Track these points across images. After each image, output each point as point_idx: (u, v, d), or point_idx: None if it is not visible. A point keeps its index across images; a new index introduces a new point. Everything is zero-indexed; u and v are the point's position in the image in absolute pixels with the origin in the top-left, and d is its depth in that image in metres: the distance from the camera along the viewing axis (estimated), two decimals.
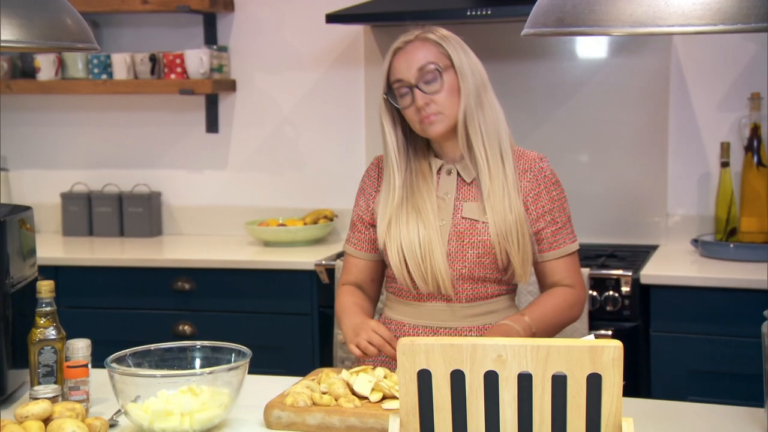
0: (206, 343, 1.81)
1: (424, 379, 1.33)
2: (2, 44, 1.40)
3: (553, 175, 2.08)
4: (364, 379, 1.72)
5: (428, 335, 2.04)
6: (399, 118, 2.05)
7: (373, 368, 1.79)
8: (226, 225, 3.80)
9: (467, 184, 2.04)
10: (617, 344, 1.27)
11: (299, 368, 2.78)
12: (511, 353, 1.29)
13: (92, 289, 3.38)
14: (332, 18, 3.28)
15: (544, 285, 2.10)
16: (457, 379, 1.32)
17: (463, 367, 1.31)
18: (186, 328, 3.32)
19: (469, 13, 3.08)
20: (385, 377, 1.75)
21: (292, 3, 3.69)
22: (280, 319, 3.27)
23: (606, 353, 1.27)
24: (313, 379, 1.78)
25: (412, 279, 2.02)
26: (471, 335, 2.00)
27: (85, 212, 3.82)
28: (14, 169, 3.94)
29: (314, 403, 1.69)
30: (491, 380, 1.31)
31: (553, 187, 2.06)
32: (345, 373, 1.75)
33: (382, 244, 2.05)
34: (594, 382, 1.28)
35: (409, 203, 2.03)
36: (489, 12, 3.06)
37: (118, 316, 3.38)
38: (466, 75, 2.00)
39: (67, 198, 3.84)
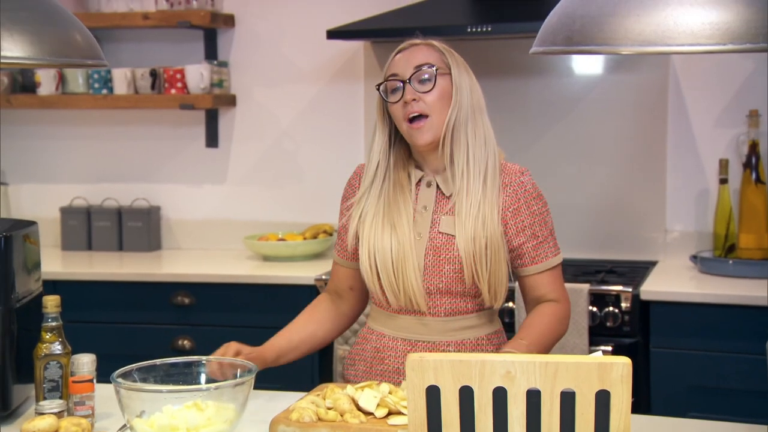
0: (212, 358, 1.81)
1: (433, 395, 1.33)
2: (12, 61, 1.40)
3: (534, 189, 2.03)
4: (369, 395, 1.72)
5: (407, 348, 2.04)
6: (389, 120, 2.04)
7: (378, 384, 1.79)
8: (225, 239, 3.81)
9: (446, 198, 2.02)
10: (626, 361, 1.27)
11: (298, 383, 2.77)
12: (519, 369, 1.30)
13: (91, 303, 3.38)
14: (333, 34, 3.29)
15: (528, 300, 2.07)
16: (466, 395, 1.32)
17: (471, 383, 1.31)
18: (185, 342, 3.32)
19: (469, 30, 3.10)
20: (390, 393, 1.75)
21: (291, 18, 3.70)
22: None
23: (615, 370, 1.27)
24: (318, 395, 1.79)
25: (383, 291, 2.01)
26: (449, 350, 2.00)
27: (84, 226, 3.83)
28: (14, 183, 3.94)
29: (320, 419, 1.69)
30: (500, 396, 1.31)
31: (534, 201, 2.02)
32: (350, 389, 1.76)
33: (352, 246, 2.06)
34: (602, 399, 1.29)
35: (385, 215, 2.02)
36: (489, 29, 3.08)
37: (117, 331, 3.37)
38: (462, 89, 2.00)
39: (67, 212, 3.84)
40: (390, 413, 1.71)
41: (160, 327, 3.36)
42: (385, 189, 2.03)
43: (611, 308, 2.93)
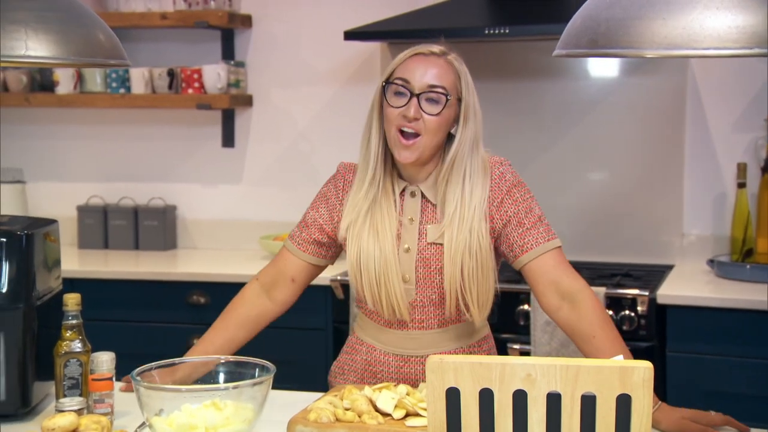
0: (230, 357, 1.82)
1: (453, 397, 1.33)
2: (38, 60, 1.41)
3: (514, 177, 1.98)
4: (387, 396, 1.72)
5: (399, 363, 2.03)
6: (383, 122, 1.98)
7: (396, 385, 1.79)
8: (240, 239, 3.82)
9: (432, 206, 1.99)
10: (647, 365, 1.27)
11: (313, 384, 2.77)
12: (540, 372, 1.30)
13: (107, 302, 3.39)
14: (350, 35, 3.30)
15: (539, 291, 1.95)
16: (486, 397, 1.32)
17: (491, 385, 1.31)
18: None
19: (487, 32, 3.10)
20: (407, 394, 1.75)
21: (308, 19, 3.71)
22: (294, 334, 3.26)
23: (636, 374, 1.27)
24: (336, 395, 1.79)
25: (365, 295, 1.99)
26: None
27: (101, 225, 3.84)
28: (31, 182, 3.95)
29: (337, 420, 1.69)
30: (520, 399, 1.31)
31: (515, 189, 1.97)
32: (368, 390, 1.76)
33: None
34: (623, 403, 1.28)
35: (369, 218, 1.98)
36: (507, 30, 3.08)
37: (132, 330, 3.38)
38: (469, 118, 1.95)
39: (83, 211, 3.86)
40: (408, 415, 1.71)
41: (176, 326, 3.37)
42: (374, 187, 1.99)
43: (627, 312, 2.92)
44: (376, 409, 1.72)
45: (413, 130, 1.92)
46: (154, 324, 3.39)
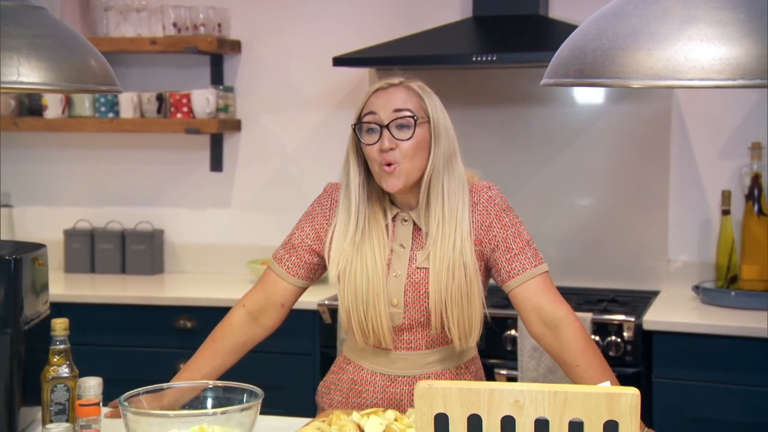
0: (218, 383, 1.82)
1: (441, 423, 1.33)
2: (30, 86, 1.42)
3: (503, 202, 2.01)
4: (375, 422, 1.73)
5: (385, 383, 2.04)
6: (363, 158, 2.00)
7: (384, 411, 1.79)
8: (228, 263, 3.82)
9: (422, 233, 2.01)
10: (634, 392, 1.28)
11: (300, 408, 2.77)
12: (528, 398, 1.30)
13: (94, 326, 3.38)
14: (339, 61, 3.32)
15: (525, 317, 1.96)
16: (474, 423, 1.33)
17: (480, 411, 1.32)
18: None
19: (474, 59, 3.13)
20: (395, 420, 1.76)
21: (297, 45, 3.73)
22: (281, 358, 3.26)
23: (623, 400, 1.28)
24: (324, 421, 1.79)
25: (353, 319, 2.00)
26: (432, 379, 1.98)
27: (88, 249, 3.84)
28: (18, 206, 3.95)
29: None
30: (508, 425, 1.32)
31: (504, 214, 1.99)
32: (356, 415, 1.76)
33: (335, 279, 2.03)
34: (611, 430, 1.29)
35: (358, 250, 1.99)
36: (494, 58, 3.10)
37: (119, 354, 3.37)
38: (440, 136, 1.97)
39: (70, 235, 3.86)
40: None
41: (163, 350, 3.36)
42: (359, 228, 2.00)
43: (614, 337, 2.94)
44: None
45: (392, 161, 1.94)
46: (141, 349, 3.38)
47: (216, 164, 3.84)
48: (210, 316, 3.33)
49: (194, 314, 3.34)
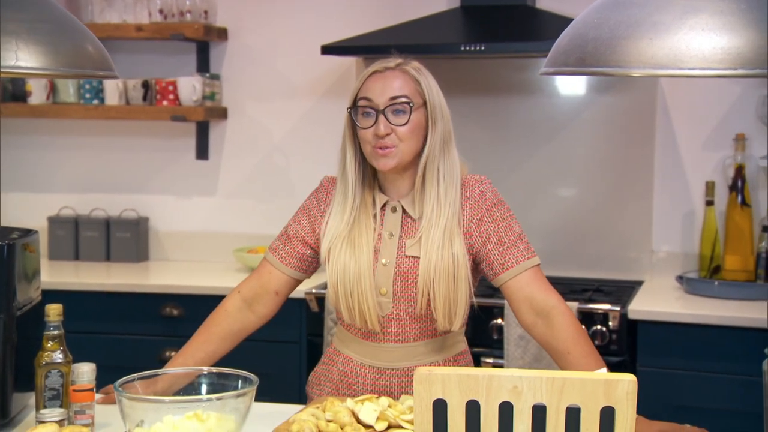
0: (213, 369, 1.82)
1: (440, 408, 1.35)
2: (28, 71, 1.42)
3: (494, 196, 2.02)
4: (369, 408, 1.74)
5: (374, 375, 2.04)
6: (358, 142, 2.01)
7: (378, 397, 1.80)
8: (214, 251, 3.81)
9: (412, 221, 2.01)
10: (631, 378, 1.30)
11: (287, 396, 2.78)
12: (526, 385, 1.32)
13: (78, 314, 3.34)
14: (327, 50, 3.31)
15: (517, 308, 1.98)
16: (472, 409, 1.34)
17: (478, 397, 1.33)
18: (173, 354, 3.29)
19: (462, 48, 3.13)
20: (389, 406, 1.77)
21: (284, 33, 3.73)
22: (267, 346, 3.26)
23: (620, 387, 1.30)
24: (318, 407, 1.80)
25: (343, 309, 2.01)
26: None
27: (72, 236, 3.82)
28: (2, 192, 3.92)
29: (320, 431, 1.70)
30: (506, 411, 1.33)
31: (495, 208, 2.01)
32: (350, 402, 1.77)
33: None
34: (607, 416, 1.31)
35: (347, 236, 2.00)
36: (482, 48, 3.11)
37: (104, 342, 3.36)
38: (437, 119, 1.98)
39: (54, 222, 3.83)
40: (390, 427, 1.73)
41: (148, 338, 3.35)
42: (354, 210, 2.02)
43: (599, 327, 2.96)
44: (359, 421, 1.73)
45: (388, 145, 1.95)
46: (127, 336, 3.37)
47: (202, 152, 3.83)
48: (196, 304, 3.34)
49: (180, 302, 3.33)
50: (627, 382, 1.30)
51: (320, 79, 3.71)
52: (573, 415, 1.32)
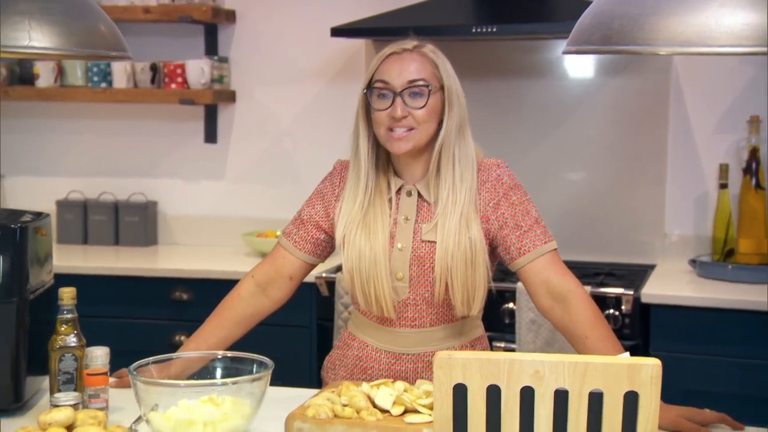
0: (227, 353, 1.80)
1: (460, 393, 1.33)
2: (41, 51, 1.40)
3: (511, 180, 1.99)
4: (385, 392, 1.72)
5: (390, 360, 2.02)
6: (371, 124, 1.98)
7: (393, 381, 1.79)
8: (222, 236, 3.79)
9: (428, 205, 1.99)
10: (656, 362, 1.28)
11: (297, 381, 2.76)
12: (548, 369, 1.30)
13: (87, 298, 3.29)
14: (337, 32, 3.28)
15: (534, 292, 1.95)
16: (493, 394, 1.32)
17: (499, 382, 1.31)
18: (183, 338, 3.29)
19: (474, 30, 3.10)
20: (405, 391, 1.75)
21: (292, 15, 3.70)
22: (278, 331, 3.24)
23: (644, 371, 1.28)
24: (333, 391, 1.78)
25: (358, 294, 1.99)
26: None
27: (81, 220, 3.80)
28: (9, 176, 3.90)
29: (336, 416, 1.68)
30: (527, 396, 1.31)
31: (512, 192, 1.98)
32: (366, 386, 1.75)
33: (340, 241, 2.01)
34: (631, 400, 1.29)
35: (361, 221, 1.98)
36: (494, 29, 3.08)
37: (114, 326, 3.35)
38: (453, 103, 1.96)
39: (63, 205, 3.82)
40: (406, 411, 1.71)
41: (158, 322, 3.34)
42: (368, 195, 1.99)
43: (612, 311, 2.94)
44: (374, 406, 1.71)
45: (404, 128, 1.93)
46: (136, 320, 3.36)
47: (210, 136, 3.80)
48: (206, 288, 3.33)
49: (190, 286, 3.32)
50: (652, 366, 1.28)
51: (329, 62, 3.68)
52: (596, 400, 1.30)
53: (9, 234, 1.78)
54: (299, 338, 3.25)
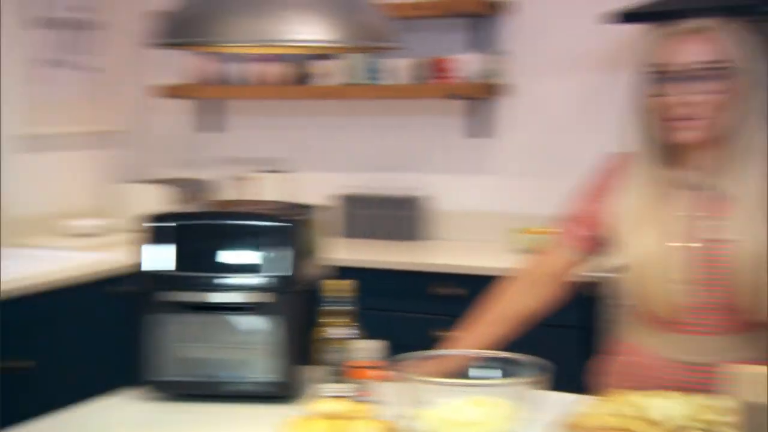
0: (501, 354, 1.73)
1: None
2: (318, 44, 1.40)
3: None
4: (677, 406, 1.57)
5: (686, 372, 1.84)
6: (652, 112, 1.83)
7: (688, 394, 1.62)
8: (488, 231, 3.77)
9: (719, 200, 1.81)
10: None
11: (561, 384, 2.65)
12: None
13: (369, 291, 3.42)
14: (628, 17, 3.12)
15: None
16: None
17: None
18: (449, 334, 3.29)
19: None
20: (702, 406, 1.58)
21: (563, 4, 3.61)
22: (539, 331, 3.15)
23: None
24: (616, 402, 1.65)
25: (641, 296, 1.85)
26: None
27: (353, 214, 3.91)
28: (291, 171, 4.09)
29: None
30: None
31: None
32: (660, 401, 1.59)
33: (614, 244, 1.89)
34: None
35: (646, 215, 1.84)
36: None
37: (384, 318, 3.39)
38: (747, 87, 1.77)
39: (340, 200, 3.94)
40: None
41: (419, 316, 3.35)
42: (650, 189, 1.85)
43: None
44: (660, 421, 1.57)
45: (687, 116, 1.78)
46: (395, 313, 3.39)
47: (480, 130, 3.78)
48: (476, 283, 3.29)
49: (459, 282, 3.30)
50: None
51: (602, 50, 3.54)
52: None
53: (298, 226, 1.83)
54: (562, 339, 3.14)
